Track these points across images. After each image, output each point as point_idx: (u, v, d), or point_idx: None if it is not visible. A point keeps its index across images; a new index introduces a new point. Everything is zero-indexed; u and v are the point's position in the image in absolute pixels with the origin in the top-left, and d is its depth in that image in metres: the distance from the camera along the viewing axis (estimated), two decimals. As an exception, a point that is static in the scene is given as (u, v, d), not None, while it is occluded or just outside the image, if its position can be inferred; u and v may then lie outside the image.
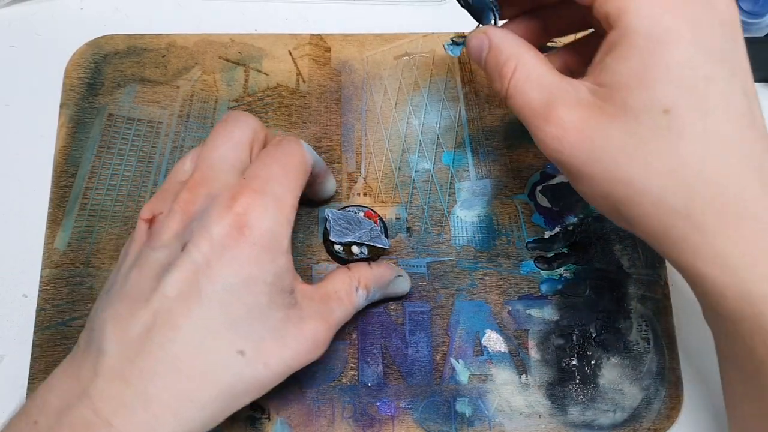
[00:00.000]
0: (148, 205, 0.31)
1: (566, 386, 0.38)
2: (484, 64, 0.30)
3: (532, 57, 0.29)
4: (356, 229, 0.37)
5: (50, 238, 0.40)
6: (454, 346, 0.38)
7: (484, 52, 0.30)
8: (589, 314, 0.39)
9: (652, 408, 0.37)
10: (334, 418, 0.37)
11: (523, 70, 0.28)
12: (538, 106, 0.27)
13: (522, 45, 0.29)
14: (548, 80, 0.28)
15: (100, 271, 0.39)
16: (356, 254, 0.37)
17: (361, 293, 0.34)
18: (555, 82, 0.28)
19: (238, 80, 0.43)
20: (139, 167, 0.41)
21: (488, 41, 0.30)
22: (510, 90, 0.29)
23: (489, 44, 0.30)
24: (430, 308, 0.39)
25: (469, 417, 0.37)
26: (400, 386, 0.38)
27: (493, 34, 0.30)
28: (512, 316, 0.39)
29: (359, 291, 0.34)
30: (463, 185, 0.42)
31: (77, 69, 0.43)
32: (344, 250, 0.37)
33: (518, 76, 0.28)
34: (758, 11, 0.40)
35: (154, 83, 0.43)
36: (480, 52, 0.30)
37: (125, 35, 0.44)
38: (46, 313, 0.38)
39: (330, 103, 0.43)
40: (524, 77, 0.28)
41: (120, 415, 0.26)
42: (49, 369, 0.37)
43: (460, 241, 0.40)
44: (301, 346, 0.29)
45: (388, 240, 0.38)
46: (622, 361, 0.38)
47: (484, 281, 0.40)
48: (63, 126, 0.42)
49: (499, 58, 0.29)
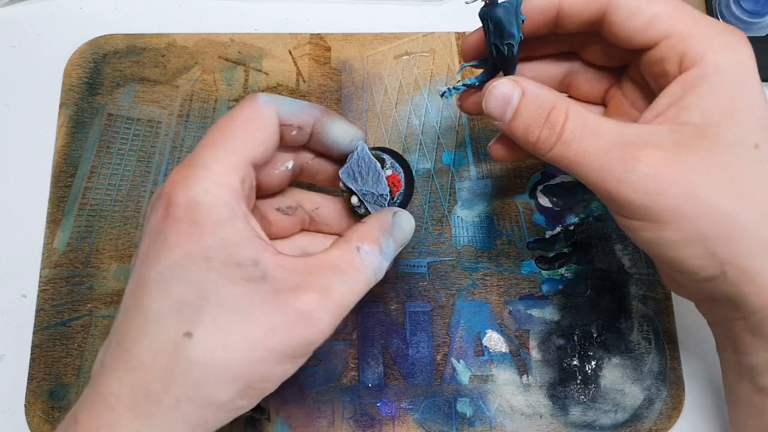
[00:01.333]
0: None
1: (567, 386, 0.38)
2: (515, 114, 0.28)
3: (578, 104, 0.28)
4: (367, 183, 0.32)
5: (49, 238, 0.39)
6: (455, 346, 0.38)
7: (514, 100, 0.28)
8: (590, 314, 0.39)
9: (653, 408, 0.37)
10: (335, 418, 0.37)
11: (578, 117, 0.27)
12: (616, 151, 0.26)
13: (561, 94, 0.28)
14: (612, 125, 0.27)
15: (100, 271, 0.39)
16: (353, 205, 0.32)
17: (367, 251, 0.28)
18: (621, 126, 0.27)
19: (238, 80, 0.43)
20: (138, 167, 0.41)
21: (520, 89, 0.28)
22: (565, 137, 0.27)
23: (522, 91, 0.28)
24: (431, 308, 0.39)
25: (470, 417, 0.37)
26: (401, 387, 0.37)
27: (526, 82, 0.28)
28: (513, 317, 0.39)
29: (364, 249, 0.28)
30: (464, 185, 0.41)
31: (77, 69, 0.43)
32: (346, 189, 0.32)
33: (574, 123, 0.27)
34: (759, 11, 0.40)
35: (154, 83, 0.43)
36: (506, 103, 0.28)
37: (125, 35, 0.44)
38: (45, 313, 0.38)
39: (330, 103, 0.43)
40: (581, 124, 0.27)
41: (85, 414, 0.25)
42: (48, 369, 0.37)
43: (460, 241, 0.40)
44: (279, 320, 0.25)
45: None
46: (623, 361, 0.38)
47: (484, 281, 0.39)
48: (62, 126, 0.42)
49: (543, 105, 0.27)
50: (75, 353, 0.37)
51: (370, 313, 0.39)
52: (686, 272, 0.27)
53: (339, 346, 0.38)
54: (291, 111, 0.29)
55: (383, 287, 0.39)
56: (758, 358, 0.29)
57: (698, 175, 0.26)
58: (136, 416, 0.24)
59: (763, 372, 0.29)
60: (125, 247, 0.40)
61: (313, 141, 0.31)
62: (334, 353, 0.38)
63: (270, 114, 0.29)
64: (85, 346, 0.38)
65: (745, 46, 0.27)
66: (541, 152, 0.28)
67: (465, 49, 0.32)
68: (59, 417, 0.36)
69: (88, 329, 0.38)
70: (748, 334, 0.29)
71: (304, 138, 0.31)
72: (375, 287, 0.36)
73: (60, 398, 0.37)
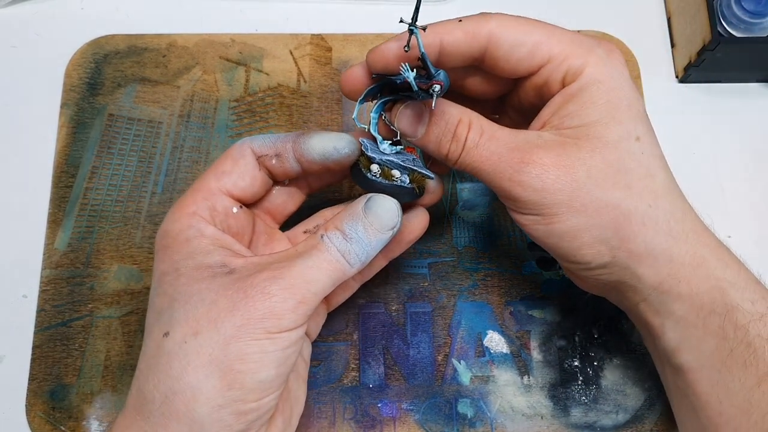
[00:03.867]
0: None
1: (568, 387, 0.38)
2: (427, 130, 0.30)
3: (478, 115, 0.30)
4: (396, 156, 0.31)
5: (50, 238, 0.39)
6: (456, 346, 0.38)
7: (423, 119, 0.30)
8: (591, 315, 0.39)
9: (654, 409, 0.37)
10: (335, 419, 0.37)
11: (478, 126, 0.29)
12: (507, 154, 0.29)
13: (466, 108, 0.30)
14: (505, 132, 0.29)
15: (101, 271, 0.39)
16: (396, 179, 0.31)
17: (330, 236, 0.29)
18: (513, 133, 0.29)
19: (239, 80, 0.43)
20: (139, 167, 0.41)
21: (428, 107, 0.30)
22: (468, 146, 0.29)
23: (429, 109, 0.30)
24: (432, 309, 0.39)
25: (471, 418, 0.37)
26: (402, 387, 0.37)
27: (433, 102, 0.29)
28: (514, 317, 0.39)
29: (327, 236, 0.29)
30: (465, 185, 0.41)
31: (78, 69, 0.43)
32: (382, 173, 0.31)
33: (474, 132, 0.29)
34: (761, 11, 0.40)
35: (155, 83, 0.43)
36: (417, 121, 0.30)
37: (125, 35, 0.44)
38: (46, 313, 0.38)
39: (331, 103, 0.43)
40: (480, 132, 0.29)
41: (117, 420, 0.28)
42: (49, 369, 0.37)
43: (461, 241, 0.40)
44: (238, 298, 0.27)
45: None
46: (624, 362, 0.38)
47: (485, 282, 0.39)
48: (63, 126, 0.42)
49: (449, 121, 0.30)
50: (76, 353, 0.37)
51: (371, 314, 0.39)
52: (581, 262, 0.30)
53: (340, 347, 0.38)
54: (263, 142, 0.32)
55: (384, 288, 0.39)
56: (667, 338, 0.30)
57: (581, 171, 0.28)
58: (142, 417, 0.27)
59: (675, 351, 0.30)
60: (126, 248, 0.39)
61: (304, 165, 0.32)
62: (335, 354, 0.38)
63: (242, 149, 0.32)
64: (85, 347, 0.38)
65: (616, 56, 0.30)
66: (451, 162, 0.30)
67: (349, 84, 0.32)
68: (60, 417, 0.36)
69: (88, 329, 0.38)
70: (653, 316, 0.31)
71: (291, 165, 0.32)
72: (375, 287, 0.36)
73: (61, 398, 0.37)
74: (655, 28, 0.46)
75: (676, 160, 0.31)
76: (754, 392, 0.28)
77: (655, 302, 0.30)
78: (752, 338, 0.28)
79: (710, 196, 0.42)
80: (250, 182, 0.32)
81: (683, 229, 0.29)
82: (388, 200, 0.30)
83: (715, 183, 0.43)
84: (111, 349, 0.38)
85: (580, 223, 0.28)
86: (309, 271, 0.28)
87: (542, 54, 0.29)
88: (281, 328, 0.27)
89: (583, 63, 0.29)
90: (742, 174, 0.43)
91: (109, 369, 0.37)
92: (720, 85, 0.45)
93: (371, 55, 0.30)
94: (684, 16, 0.44)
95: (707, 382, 0.29)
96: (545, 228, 0.29)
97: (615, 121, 0.28)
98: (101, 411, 0.36)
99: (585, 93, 0.29)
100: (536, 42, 0.29)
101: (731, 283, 0.29)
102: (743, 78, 0.45)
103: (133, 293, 0.39)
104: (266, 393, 0.27)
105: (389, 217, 0.30)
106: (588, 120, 0.29)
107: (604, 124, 0.28)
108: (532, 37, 0.29)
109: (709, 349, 0.29)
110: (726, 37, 0.40)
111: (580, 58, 0.29)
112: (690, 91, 0.45)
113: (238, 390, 0.26)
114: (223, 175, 0.31)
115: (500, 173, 0.29)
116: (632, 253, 0.29)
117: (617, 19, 0.46)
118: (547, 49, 0.29)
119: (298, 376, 0.32)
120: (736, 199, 0.42)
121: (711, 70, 0.43)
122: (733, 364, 0.28)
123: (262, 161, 0.32)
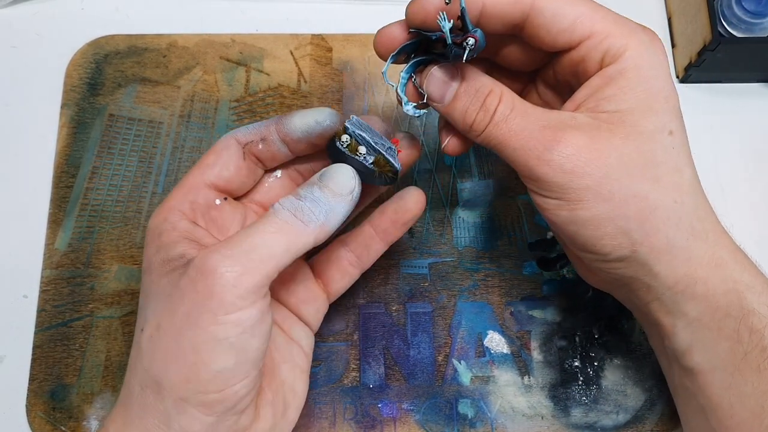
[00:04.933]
0: None
1: (569, 388, 0.38)
2: (455, 97, 0.29)
3: (510, 91, 0.29)
4: (374, 137, 0.31)
5: (51, 238, 0.39)
6: (456, 347, 0.38)
7: (454, 84, 0.29)
8: (591, 315, 0.39)
9: (655, 409, 0.37)
10: (336, 419, 0.37)
11: (509, 100, 0.29)
12: (539, 132, 0.28)
13: (495, 80, 0.29)
14: (538, 110, 0.29)
15: (101, 271, 0.39)
16: (360, 154, 0.30)
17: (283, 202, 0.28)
18: (546, 112, 0.28)
19: (239, 80, 0.43)
20: (139, 167, 0.41)
21: (459, 73, 0.29)
22: (496, 119, 0.28)
23: (462, 75, 0.29)
24: (432, 309, 0.39)
25: (471, 418, 0.37)
26: (402, 387, 0.37)
27: (466, 67, 0.29)
28: (514, 317, 0.39)
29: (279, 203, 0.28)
30: (465, 185, 0.41)
31: (78, 69, 0.43)
32: (349, 145, 0.30)
33: (505, 105, 0.28)
34: (761, 11, 0.40)
35: (155, 83, 0.43)
36: (447, 86, 0.29)
37: (126, 35, 0.44)
38: (46, 313, 0.38)
39: (331, 103, 0.43)
40: (511, 106, 0.28)
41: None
42: (49, 370, 0.37)
43: (462, 241, 0.40)
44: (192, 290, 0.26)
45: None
46: (624, 362, 0.38)
47: (486, 282, 0.39)
48: (64, 126, 0.42)
49: (480, 90, 0.29)
50: (76, 354, 0.37)
51: (371, 314, 0.39)
52: (599, 253, 0.29)
53: (340, 347, 0.38)
54: (247, 130, 0.32)
55: (384, 288, 0.39)
56: (678, 339, 0.30)
57: (613, 158, 0.27)
58: (124, 409, 0.28)
59: (686, 352, 0.30)
60: (126, 248, 0.39)
61: (291, 146, 0.32)
62: (335, 354, 0.38)
63: (226, 141, 0.32)
64: (86, 347, 0.38)
65: (658, 44, 0.29)
66: (475, 134, 0.29)
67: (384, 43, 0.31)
68: (60, 417, 0.36)
69: (89, 330, 0.38)
70: (665, 315, 0.30)
71: (278, 148, 0.32)
72: (375, 288, 0.36)
73: (61, 399, 0.37)
74: (655, 28, 0.45)
75: (677, 160, 0.31)
76: (767, 397, 0.28)
77: (669, 302, 0.30)
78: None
79: (710, 196, 0.42)
80: (235, 172, 0.31)
81: (704, 228, 0.29)
82: (343, 166, 0.29)
83: (715, 183, 0.43)
84: (111, 350, 0.38)
85: (605, 211, 0.27)
86: (250, 239, 0.26)
87: (584, 28, 0.28)
88: (227, 309, 0.25)
89: (624, 45, 0.28)
90: (742, 174, 0.43)
91: (109, 369, 0.37)
92: (720, 85, 0.45)
93: (411, 7, 0.29)
94: (684, 16, 0.44)
95: (719, 385, 0.29)
96: (568, 214, 0.28)
97: (652, 111, 0.28)
98: (102, 411, 0.36)
99: (623, 78, 0.28)
100: (579, 15, 0.28)
101: (748, 286, 0.28)
102: (744, 78, 0.45)
103: (133, 293, 0.39)
104: (229, 383, 0.26)
105: (344, 180, 0.29)
106: (625, 106, 0.28)
107: (641, 113, 0.28)
108: (576, 9, 0.28)
109: (723, 352, 0.29)
110: (726, 38, 0.40)
111: (623, 38, 0.28)
112: (690, 91, 0.45)
113: (196, 382, 0.26)
114: (207, 168, 0.31)
115: (528, 150, 0.28)
116: (653, 248, 0.28)
117: (618, 19, 0.46)
118: (589, 24, 0.28)
119: (295, 366, 0.32)
120: (736, 199, 0.42)
121: (711, 70, 0.43)
122: (747, 368, 0.28)
123: (249, 148, 0.32)
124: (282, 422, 0.30)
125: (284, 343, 0.32)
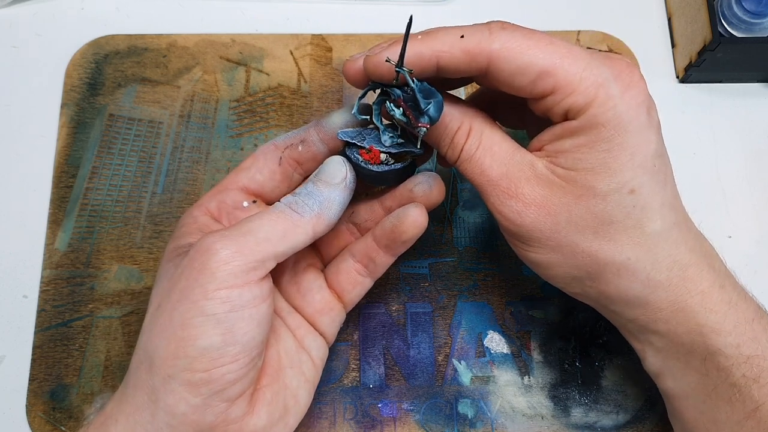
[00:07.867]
0: None
1: (569, 388, 0.38)
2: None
3: (483, 122, 0.30)
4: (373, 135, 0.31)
5: (51, 238, 0.39)
6: (456, 347, 0.38)
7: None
8: (591, 315, 0.39)
9: (655, 410, 0.37)
10: (336, 419, 0.37)
11: (476, 138, 0.29)
12: (497, 177, 0.29)
13: (472, 109, 0.30)
14: (504, 150, 0.29)
15: (101, 271, 0.39)
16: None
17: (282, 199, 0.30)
18: (510, 152, 0.29)
19: (239, 80, 0.43)
20: (139, 167, 0.41)
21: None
22: (462, 156, 0.29)
23: None
24: (432, 309, 0.39)
25: (471, 418, 0.37)
26: (402, 387, 0.37)
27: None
28: (514, 317, 0.39)
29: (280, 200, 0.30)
30: (466, 186, 0.41)
31: (78, 69, 0.43)
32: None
33: (471, 144, 0.29)
34: (761, 11, 0.40)
35: (155, 83, 0.43)
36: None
37: (126, 35, 0.44)
38: (46, 313, 0.38)
39: (331, 103, 0.43)
40: (477, 144, 0.29)
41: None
42: (49, 370, 0.37)
43: (462, 242, 0.40)
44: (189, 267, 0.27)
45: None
46: (624, 362, 0.38)
47: (486, 282, 0.39)
48: (64, 126, 0.42)
49: (449, 125, 0.29)
50: (76, 354, 0.37)
51: (371, 314, 0.39)
52: (558, 286, 0.31)
53: (340, 347, 0.38)
54: (286, 136, 0.33)
55: (384, 288, 0.39)
56: (649, 363, 0.31)
57: (562, 216, 0.28)
58: (123, 387, 0.29)
59: (658, 376, 0.31)
60: (126, 248, 0.39)
61: (331, 145, 0.33)
62: (336, 354, 0.38)
63: (265, 147, 0.33)
64: (86, 347, 0.38)
65: (633, 92, 0.27)
66: (450, 165, 0.31)
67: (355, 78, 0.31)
68: (60, 417, 0.36)
69: (89, 330, 0.38)
70: (634, 341, 0.31)
71: (318, 148, 0.33)
72: (375, 288, 0.36)
73: (61, 399, 0.37)
74: (655, 28, 0.46)
75: (677, 160, 0.31)
76: (742, 426, 0.28)
77: (634, 330, 0.30)
78: (737, 379, 0.28)
79: (710, 196, 0.42)
80: (269, 176, 0.33)
81: (668, 277, 0.28)
82: (334, 158, 0.31)
83: (715, 183, 0.43)
84: (111, 350, 0.38)
85: (553, 258, 0.29)
86: (248, 225, 0.28)
87: (546, 85, 0.27)
88: (218, 285, 0.26)
89: (588, 102, 0.26)
90: (742, 174, 0.43)
91: (109, 369, 0.37)
92: (720, 85, 0.45)
93: (367, 65, 0.29)
94: (684, 16, 0.44)
95: (693, 411, 0.29)
96: (521, 252, 0.30)
97: (609, 171, 0.27)
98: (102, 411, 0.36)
99: (583, 135, 0.27)
100: (541, 71, 0.26)
101: (713, 329, 0.28)
102: (744, 78, 0.45)
103: (133, 293, 0.39)
104: (215, 363, 0.26)
105: (334, 170, 0.30)
106: (580, 166, 0.27)
107: (596, 174, 0.27)
108: (538, 64, 0.26)
109: (693, 382, 0.29)
110: (726, 37, 0.40)
111: (587, 94, 0.26)
112: (690, 92, 0.45)
113: (183, 358, 0.26)
114: (242, 171, 0.33)
115: (486, 193, 0.29)
116: (603, 293, 0.29)
117: (617, 19, 0.46)
118: (552, 80, 0.26)
119: (301, 374, 0.32)
120: (736, 199, 0.42)
121: (711, 70, 0.43)
122: (719, 398, 0.28)
123: (289, 152, 0.33)
124: (279, 425, 0.30)
125: (294, 349, 0.32)
